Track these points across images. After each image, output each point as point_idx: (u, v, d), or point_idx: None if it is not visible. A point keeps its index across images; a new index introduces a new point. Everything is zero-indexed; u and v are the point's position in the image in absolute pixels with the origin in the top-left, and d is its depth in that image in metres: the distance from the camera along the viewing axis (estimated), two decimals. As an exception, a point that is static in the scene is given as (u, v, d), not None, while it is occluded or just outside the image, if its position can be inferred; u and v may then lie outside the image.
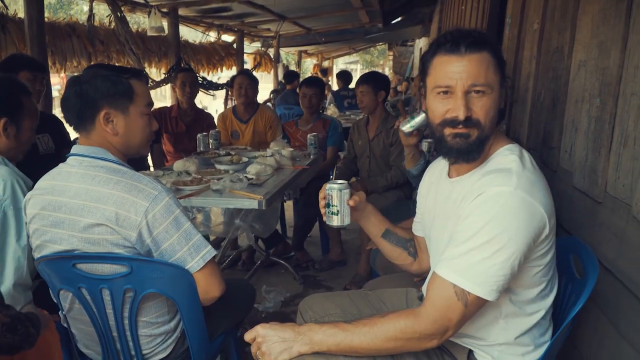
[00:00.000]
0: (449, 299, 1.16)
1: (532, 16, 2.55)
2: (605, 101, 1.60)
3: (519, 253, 1.15)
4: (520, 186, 1.16)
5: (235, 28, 8.98)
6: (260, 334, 1.29)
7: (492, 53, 1.24)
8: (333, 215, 1.51)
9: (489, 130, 1.26)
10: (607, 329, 1.49)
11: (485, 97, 1.24)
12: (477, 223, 1.16)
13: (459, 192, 1.32)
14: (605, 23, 1.65)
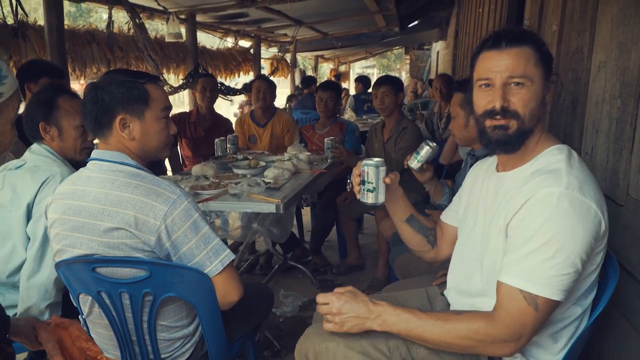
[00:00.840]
0: (519, 304, 1.16)
1: (551, 18, 2.52)
2: (626, 102, 1.58)
3: (580, 250, 1.15)
4: (571, 185, 1.16)
5: (252, 34, 9.04)
6: (335, 306, 1.33)
7: (534, 47, 1.27)
8: (368, 192, 1.50)
9: (529, 123, 1.28)
10: (629, 333, 1.46)
11: (524, 89, 1.26)
12: (532, 226, 1.17)
13: (508, 186, 1.34)
14: (625, 23, 1.63)
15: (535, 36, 1.30)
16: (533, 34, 1.31)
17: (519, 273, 1.17)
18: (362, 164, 1.50)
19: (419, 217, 1.68)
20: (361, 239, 4.18)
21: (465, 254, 1.49)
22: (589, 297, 1.29)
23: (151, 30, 6.65)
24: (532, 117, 1.28)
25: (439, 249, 1.69)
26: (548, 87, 1.30)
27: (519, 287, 1.16)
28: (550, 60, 1.30)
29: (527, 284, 1.15)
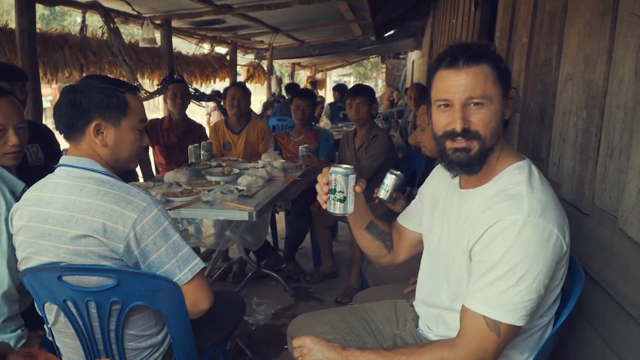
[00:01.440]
0: (481, 330, 1.17)
1: (521, 30, 2.58)
2: (592, 114, 1.62)
3: (543, 276, 1.16)
4: (533, 212, 1.16)
5: (228, 40, 9.01)
6: (307, 346, 1.33)
7: (492, 65, 1.25)
8: (338, 202, 1.41)
9: (490, 142, 1.27)
10: (594, 340, 1.49)
11: (484, 109, 1.25)
12: (496, 253, 1.17)
13: (470, 205, 1.34)
14: (591, 36, 1.67)
15: (492, 53, 1.28)
16: (490, 51, 1.29)
17: (484, 300, 1.18)
18: (330, 172, 1.41)
19: (377, 223, 1.66)
20: (335, 246, 4.19)
21: (432, 267, 1.51)
22: (553, 309, 1.31)
23: (126, 35, 6.59)
24: (492, 136, 1.27)
25: (396, 253, 1.68)
26: (507, 104, 1.29)
27: (483, 313, 1.17)
28: (508, 75, 1.29)
29: (491, 311, 1.16)
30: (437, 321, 1.45)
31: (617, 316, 1.37)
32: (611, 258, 1.42)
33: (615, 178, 1.43)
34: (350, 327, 1.62)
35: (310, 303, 3.42)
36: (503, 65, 1.28)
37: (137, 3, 5.28)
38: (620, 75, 1.45)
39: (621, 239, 1.37)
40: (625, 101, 1.41)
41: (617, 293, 1.37)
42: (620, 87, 1.44)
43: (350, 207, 1.43)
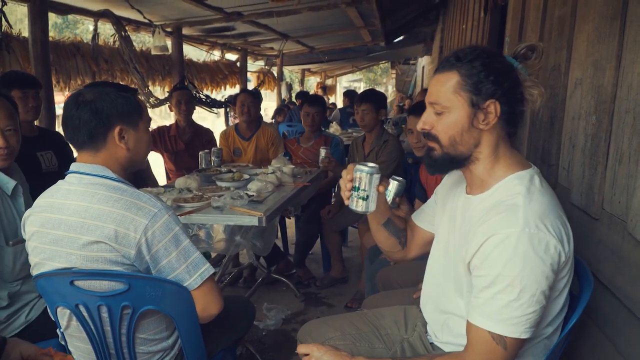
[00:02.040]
0: (488, 344, 1.17)
1: (530, 35, 2.57)
2: (601, 119, 1.61)
3: (543, 286, 1.15)
4: (528, 224, 1.16)
5: (238, 47, 9.08)
6: (315, 355, 1.33)
7: (463, 74, 1.24)
8: (360, 200, 1.43)
9: (453, 149, 1.29)
10: (604, 346, 1.48)
11: (442, 117, 1.28)
12: (494, 268, 1.17)
13: (471, 214, 1.34)
14: (600, 41, 1.67)
15: (471, 62, 1.25)
16: (471, 58, 1.25)
17: (487, 315, 1.17)
18: (355, 169, 1.43)
19: (394, 220, 1.68)
20: (345, 252, 4.19)
21: (436, 272, 1.51)
22: (560, 317, 1.30)
23: (137, 43, 6.65)
24: (454, 144, 1.28)
25: (409, 249, 1.71)
26: (483, 112, 1.25)
27: (487, 328, 1.17)
28: (490, 85, 1.24)
29: (495, 326, 1.16)
30: (442, 327, 1.45)
31: (627, 322, 1.36)
32: (621, 263, 1.42)
33: (625, 183, 1.43)
34: (359, 332, 1.62)
35: (321, 308, 3.42)
36: (483, 75, 1.24)
37: (148, 11, 5.34)
38: (629, 80, 1.45)
39: (631, 243, 1.36)
40: (635, 106, 1.41)
41: (627, 298, 1.37)
42: (630, 92, 1.44)
43: (372, 206, 1.45)
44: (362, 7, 6.52)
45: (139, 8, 5.07)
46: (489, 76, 1.24)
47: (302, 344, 1.37)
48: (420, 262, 2.28)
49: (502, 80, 1.25)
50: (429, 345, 1.53)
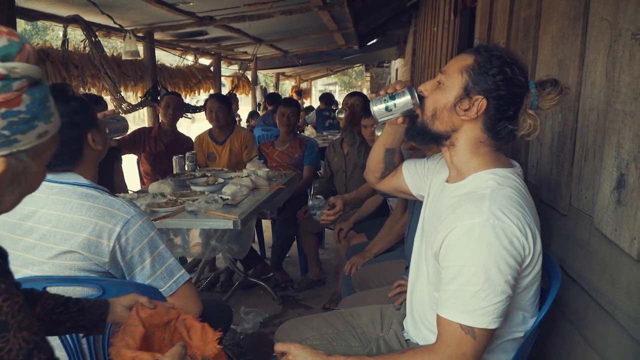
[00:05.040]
0: (457, 335, 1.18)
1: (498, 37, 2.63)
2: (567, 117, 1.66)
3: (507, 276, 1.16)
4: (492, 214, 1.17)
5: (212, 51, 9.03)
6: (293, 352, 1.33)
7: (478, 59, 1.28)
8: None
9: (430, 122, 1.34)
10: (575, 339, 1.52)
11: (439, 89, 1.33)
12: (459, 259, 1.19)
13: (443, 202, 1.36)
14: (563, 42, 1.71)
15: (491, 56, 1.27)
16: (494, 54, 1.28)
17: (455, 307, 1.19)
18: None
19: (395, 156, 1.68)
20: (322, 254, 4.21)
21: (414, 256, 1.54)
22: (530, 320, 1.32)
23: (109, 48, 6.57)
24: (433, 117, 1.32)
25: (382, 183, 1.75)
26: (468, 101, 1.28)
27: (456, 320, 1.18)
28: (490, 83, 1.26)
29: (464, 317, 1.18)
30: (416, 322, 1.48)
31: (595, 314, 1.40)
32: (588, 257, 1.46)
33: (590, 178, 1.47)
34: (336, 332, 1.64)
35: (298, 310, 3.43)
36: (493, 72, 1.26)
37: (119, 16, 5.28)
38: (592, 78, 1.49)
39: (597, 238, 1.40)
40: (598, 103, 1.45)
41: (595, 291, 1.41)
42: (593, 90, 1.49)
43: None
44: (335, 11, 6.55)
45: (109, 13, 5.00)
46: (496, 76, 1.25)
47: (280, 343, 1.38)
48: (396, 261, 2.31)
49: (504, 87, 1.25)
50: (405, 342, 1.54)
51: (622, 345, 1.25)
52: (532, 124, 1.29)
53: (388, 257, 2.50)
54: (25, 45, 0.84)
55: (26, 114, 0.84)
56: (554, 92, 1.29)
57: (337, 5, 6.07)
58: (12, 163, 0.85)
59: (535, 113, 1.30)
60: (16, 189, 0.90)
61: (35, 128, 0.87)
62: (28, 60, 0.84)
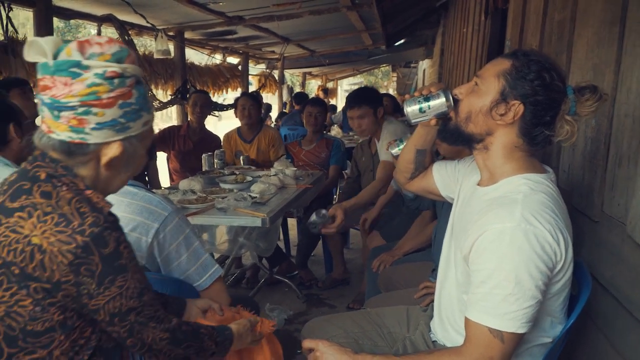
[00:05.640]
0: (486, 338, 1.19)
1: (530, 40, 2.60)
2: (600, 122, 1.64)
3: (538, 281, 1.16)
4: (524, 219, 1.17)
5: (240, 50, 9.12)
6: (320, 349, 1.35)
7: (516, 64, 1.27)
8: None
9: (464, 124, 1.33)
10: (604, 347, 1.50)
11: (474, 92, 1.32)
12: (490, 262, 1.19)
13: (474, 204, 1.36)
14: (599, 46, 1.70)
15: (529, 61, 1.26)
16: (532, 58, 1.27)
17: (484, 310, 1.19)
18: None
19: (426, 157, 1.68)
20: (347, 254, 4.22)
21: (443, 257, 1.54)
22: (559, 325, 1.32)
23: (140, 47, 6.69)
24: (467, 120, 1.31)
25: (411, 183, 1.74)
26: (505, 106, 1.27)
27: (485, 323, 1.18)
28: (528, 88, 1.25)
29: (493, 320, 1.18)
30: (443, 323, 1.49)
31: (626, 323, 1.38)
32: (620, 265, 1.44)
33: (624, 185, 1.45)
34: (363, 330, 1.65)
35: (322, 309, 3.45)
36: (531, 77, 1.24)
37: (151, 16, 5.38)
38: (628, 84, 1.48)
39: (630, 245, 1.39)
40: (634, 110, 1.43)
41: (626, 299, 1.39)
42: (629, 96, 1.47)
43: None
44: (363, 11, 6.55)
45: (142, 13, 5.11)
46: (534, 81, 1.24)
47: (308, 339, 1.39)
48: (423, 263, 2.31)
49: (542, 93, 1.24)
50: (432, 344, 1.55)
51: (653, 355, 1.24)
52: (570, 130, 1.28)
53: (415, 258, 2.50)
54: (131, 52, 1.08)
55: (135, 106, 1.08)
56: (593, 98, 1.28)
57: (366, 5, 6.08)
58: (126, 146, 1.09)
59: (572, 119, 1.28)
60: (129, 169, 1.16)
61: (141, 117, 1.10)
62: (134, 63, 1.08)
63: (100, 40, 1.03)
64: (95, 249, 1.00)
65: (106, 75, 1.02)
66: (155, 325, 1.14)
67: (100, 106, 1.02)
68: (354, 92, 3.36)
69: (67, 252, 0.98)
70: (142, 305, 1.10)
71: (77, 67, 1.00)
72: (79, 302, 1.03)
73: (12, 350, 1.02)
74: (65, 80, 1.00)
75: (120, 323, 1.08)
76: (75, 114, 1.01)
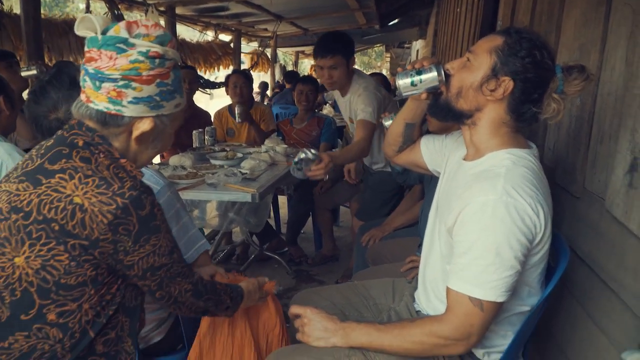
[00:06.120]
0: (466, 306, 1.23)
1: (522, 19, 2.62)
2: (585, 101, 1.67)
3: (517, 252, 1.20)
4: (506, 191, 1.20)
5: (232, 27, 9.05)
6: (307, 315, 1.40)
7: (508, 41, 1.29)
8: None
9: (454, 100, 1.35)
10: (581, 316, 1.56)
11: (466, 67, 1.34)
12: (472, 234, 1.23)
13: (460, 177, 1.40)
14: (586, 26, 1.72)
15: (521, 38, 1.28)
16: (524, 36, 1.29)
17: (465, 279, 1.23)
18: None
19: (414, 131, 1.71)
20: (336, 231, 4.26)
21: (428, 230, 1.58)
22: (536, 295, 1.37)
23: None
24: (458, 95, 1.34)
25: (399, 157, 1.78)
26: (495, 82, 1.29)
27: (466, 292, 1.22)
28: (518, 65, 1.28)
29: (473, 289, 1.22)
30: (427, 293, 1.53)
31: (601, 293, 1.43)
32: (598, 238, 1.49)
33: (604, 162, 1.49)
34: (349, 302, 1.69)
35: (312, 285, 3.50)
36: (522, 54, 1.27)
37: (142, -11, 5.33)
38: (612, 63, 1.50)
39: (607, 219, 1.43)
40: (616, 88, 1.46)
41: (602, 271, 1.44)
42: (612, 75, 1.50)
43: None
44: (357, -11, 6.52)
45: (133, -14, 5.06)
46: (525, 58, 1.27)
47: (295, 305, 1.44)
48: (410, 238, 2.35)
49: (532, 70, 1.27)
50: (415, 313, 1.60)
51: (624, 322, 1.29)
52: (556, 108, 1.31)
53: (404, 234, 2.54)
54: (172, 38, 1.19)
55: (171, 87, 1.18)
56: (580, 77, 1.31)
57: (360, -17, 6.04)
58: (157, 123, 1.19)
59: (559, 97, 1.32)
60: (156, 146, 1.26)
61: (174, 99, 1.21)
62: (174, 48, 1.18)
63: (147, 23, 1.13)
64: (133, 211, 1.08)
65: (149, 54, 1.10)
66: (182, 280, 1.25)
67: (140, 82, 1.11)
68: (325, 38, 2.92)
69: (107, 212, 1.06)
70: (172, 262, 1.20)
71: (123, 44, 1.08)
72: (115, 259, 1.12)
73: (44, 302, 1.08)
74: (111, 54, 1.08)
75: (151, 277, 1.18)
76: (116, 86, 1.10)
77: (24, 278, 1.08)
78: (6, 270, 1.08)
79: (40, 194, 1.07)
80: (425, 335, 1.28)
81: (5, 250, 1.08)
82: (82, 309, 1.12)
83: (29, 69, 2.84)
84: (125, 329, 1.22)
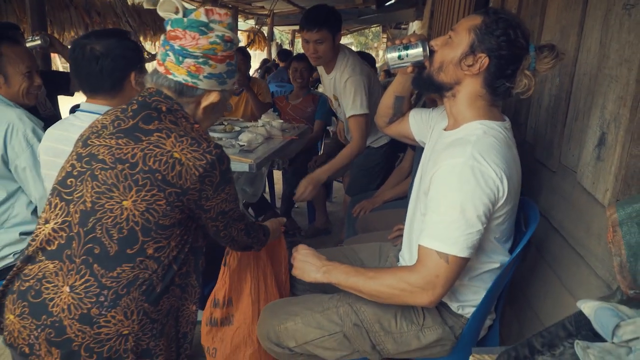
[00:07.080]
0: (433, 259, 1.35)
1: (511, 2, 2.71)
2: (563, 80, 1.78)
3: (479, 212, 1.32)
4: (472, 156, 1.32)
5: (229, 4, 9.04)
6: (301, 252, 1.60)
7: (486, 20, 1.41)
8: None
9: (436, 73, 1.47)
10: (552, 280, 1.69)
11: (448, 44, 1.46)
12: (440, 193, 1.35)
13: (439, 146, 1.52)
14: (567, 9, 1.82)
15: (498, 18, 1.40)
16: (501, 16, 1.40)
17: (432, 235, 1.35)
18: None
19: (404, 103, 1.86)
20: (329, 206, 4.38)
21: (412, 197, 1.70)
22: (501, 255, 1.50)
23: (129, -4, 6.62)
24: (439, 69, 1.46)
25: (389, 128, 1.93)
26: (473, 58, 1.41)
27: (433, 247, 1.34)
28: (494, 43, 1.39)
29: (439, 244, 1.33)
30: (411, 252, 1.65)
31: (570, 258, 1.56)
32: (570, 208, 1.61)
33: (578, 138, 1.61)
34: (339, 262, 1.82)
35: (304, 257, 3.62)
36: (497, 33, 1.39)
37: (141, -36, 5.35)
38: (588, 44, 1.61)
39: (578, 190, 1.55)
40: (591, 68, 1.57)
41: (571, 237, 1.57)
42: (588, 56, 1.60)
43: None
44: (355, -31, 6.53)
45: (132, -39, 5.09)
46: (500, 37, 1.38)
47: (301, 245, 1.62)
48: (399, 209, 2.47)
49: (506, 47, 1.39)
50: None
51: (589, 284, 1.42)
52: (527, 84, 1.43)
53: (392, 206, 2.67)
54: (234, 25, 1.40)
55: (233, 67, 1.43)
56: (550, 56, 1.43)
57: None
58: (222, 96, 1.43)
59: (531, 74, 1.44)
60: (214, 116, 1.51)
61: (234, 77, 1.45)
62: (236, 34, 1.40)
63: (220, 11, 1.36)
64: (217, 165, 1.32)
65: (224, 38, 1.34)
66: (239, 222, 1.52)
67: (215, 60, 1.35)
68: (312, 11, 2.81)
69: (199, 166, 1.29)
70: (236, 207, 1.46)
71: (204, 27, 1.32)
72: (197, 204, 1.34)
73: (145, 239, 1.29)
74: (194, 35, 1.31)
75: (221, 219, 1.44)
76: (196, 62, 1.33)
77: (131, 218, 1.26)
78: (114, 211, 1.26)
79: (143, 149, 1.26)
80: (396, 280, 1.40)
81: (113, 195, 1.26)
82: (170, 246, 1.33)
83: (34, 39, 2.90)
84: (192, 265, 1.44)
